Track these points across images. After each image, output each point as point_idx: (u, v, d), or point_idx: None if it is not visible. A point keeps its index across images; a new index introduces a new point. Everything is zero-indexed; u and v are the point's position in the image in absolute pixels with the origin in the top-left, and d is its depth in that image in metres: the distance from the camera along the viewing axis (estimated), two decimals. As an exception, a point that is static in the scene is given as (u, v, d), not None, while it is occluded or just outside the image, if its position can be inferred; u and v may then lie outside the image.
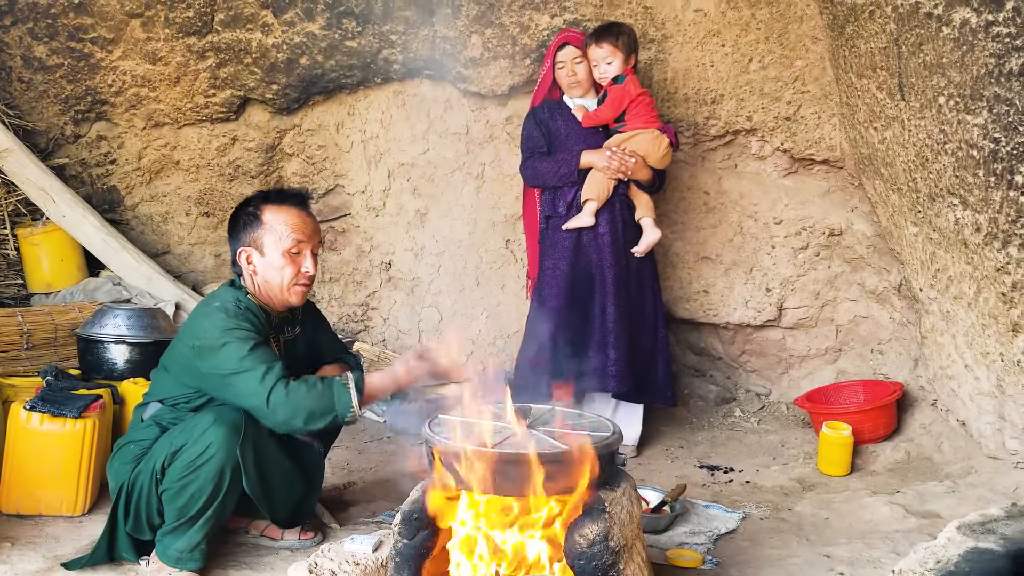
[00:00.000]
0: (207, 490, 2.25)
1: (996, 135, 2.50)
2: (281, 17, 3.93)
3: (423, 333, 4.30)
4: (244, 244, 2.42)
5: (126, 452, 2.40)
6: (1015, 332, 2.66)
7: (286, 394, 2.22)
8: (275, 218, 2.41)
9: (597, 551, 1.80)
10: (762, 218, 3.92)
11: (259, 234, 2.41)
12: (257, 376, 2.24)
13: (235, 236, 2.46)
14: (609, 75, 3.40)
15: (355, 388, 2.27)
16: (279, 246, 2.39)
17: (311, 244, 2.44)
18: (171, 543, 2.31)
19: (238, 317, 2.32)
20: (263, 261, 2.40)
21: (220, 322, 2.31)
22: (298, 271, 2.42)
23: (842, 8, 3.21)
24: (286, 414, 2.23)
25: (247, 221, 2.43)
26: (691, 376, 4.32)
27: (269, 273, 2.40)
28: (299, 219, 2.43)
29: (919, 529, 2.59)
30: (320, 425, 2.26)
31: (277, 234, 2.40)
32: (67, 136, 4.27)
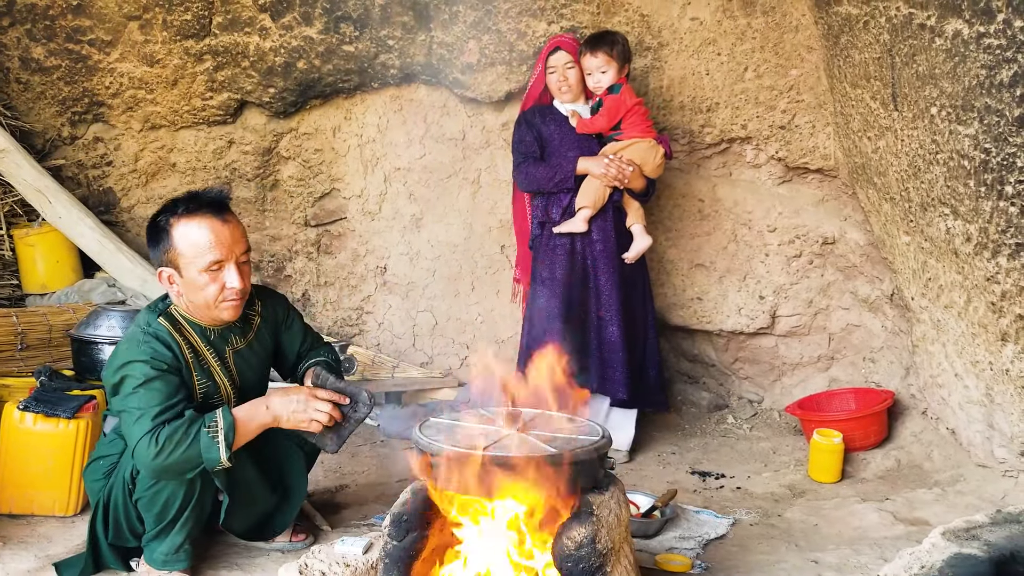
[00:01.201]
0: (179, 493, 2.25)
1: (987, 145, 2.52)
2: (279, 21, 3.95)
3: (417, 337, 4.31)
4: (161, 263, 2.25)
5: (96, 469, 2.39)
6: (1004, 341, 2.68)
7: (148, 446, 2.10)
8: (186, 233, 2.19)
9: (584, 553, 1.82)
10: (756, 226, 3.94)
11: (172, 252, 2.21)
12: (131, 419, 2.14)
13: (153, 253, 2.27)
14: (604, 84, 3.42)
15: (224, 439, 2.14)
16: (195, 264, 2.19)
17: (233, 256, 2.22)
18: (155, 547, 2.32)
19: (141, 345, 2.19)
20: (182, 281, 2.23)
21: (123, 353, 2.21)
22: (222, 287, 2.22)
23: (837, 18, 3.23)
24: (147, 467, 2.13)
25: (160, 238, 2.23)
26: (684, 383, 4.34)
27: (192, 293, 2.24)
28: (214, 231, 2.19)
29: (907, 536, 2.61)
30: (187, 477, 2.18)
31: (194, 251, 2.19)
32: (64, 137, 4.28)
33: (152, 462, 2.11)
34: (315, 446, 2.53)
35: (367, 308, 4.37)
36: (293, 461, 2.59)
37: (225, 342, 2.37)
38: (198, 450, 2.14)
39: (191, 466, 2.16)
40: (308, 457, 2.64)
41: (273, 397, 2.29)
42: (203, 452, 2.14)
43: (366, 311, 4.38)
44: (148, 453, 2.10)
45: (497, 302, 4.24)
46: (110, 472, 2.36)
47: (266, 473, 2.52)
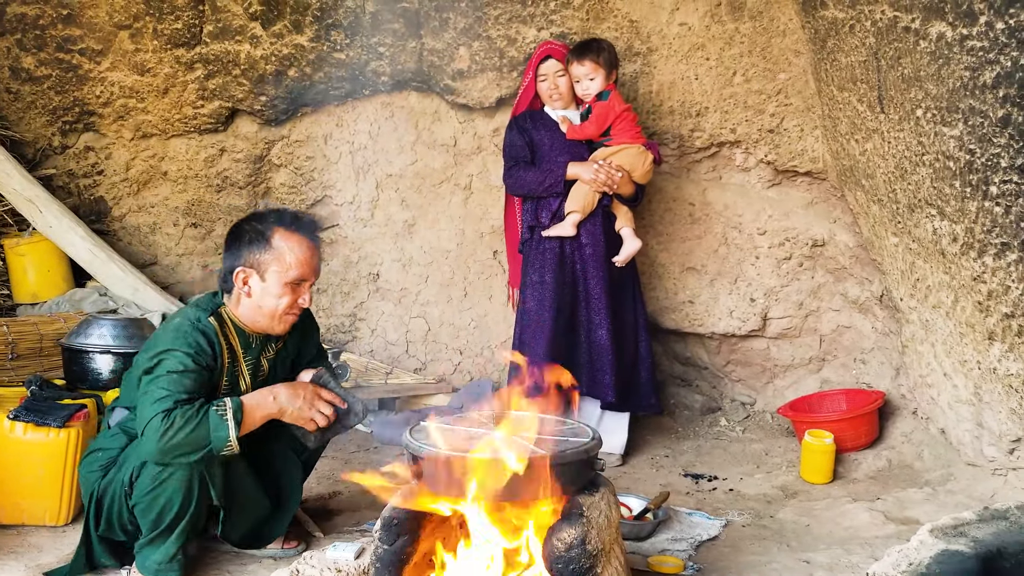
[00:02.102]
0: (176, 501, 2.25)
1: (971, 147, 2.54)
2: (269, 29, 3.96)
3: (411, 344, 4.32)
4: (244, 263, 2.30)
5: (93, 460, 2.39)
6: (991, 340, 2.70)
7: (160, 424, 2.12)
8: (285, 246, 2.29)
9: (575, 555, 1.82)
10: (746, 229, 3.96)
11: (264, 258, 2.28)
12: (151, 399, 2.16)
13: (235, 251, 2.32)
14: (592, 91, 3.45)
15: (232, 417, 2.17)
16: (282, 277, 2.28)
17: (313, 278, 2.35)
18: (148, 555, 2.31)
19: (188, 337, 2.23)
20: (261, 286, 2.30)
21: (166, 340, 2.24)
22: (293, 303, 2.32)
23: (823, 22, 3.26)
24: (152, 447, 2.13)
25: (253, 239, 2.30)
26: (677, 386, 4.35)
27: (264, 299, 2.30)
28: (308, 252, 2.32)
29: (898, 535, 2.62)
30: (193, 459, 2.18)
31: (284, 264, 2.28)
32: (55, 147, 4.28)
33: (160, 440, 2.12)
34: (310, 453, 2.59)
35: (360, 315, 4.38)
36: (290, 469, 2.60)
37: (262, 349, 2.42)
38: (207, 429, 2.15)
39: (199, 446, 2.16)
40: (305, 466, 2.66)
41: (280, 390, 2.32)
42: (212, 431, 2.16)
43: (359, 318, 4.38)
44: (158, 430, 2.12)
45: (490, 307, 4.25)
46: (108, 466, 2.35)
47: (263, 481, 2.53)
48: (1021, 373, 2.63)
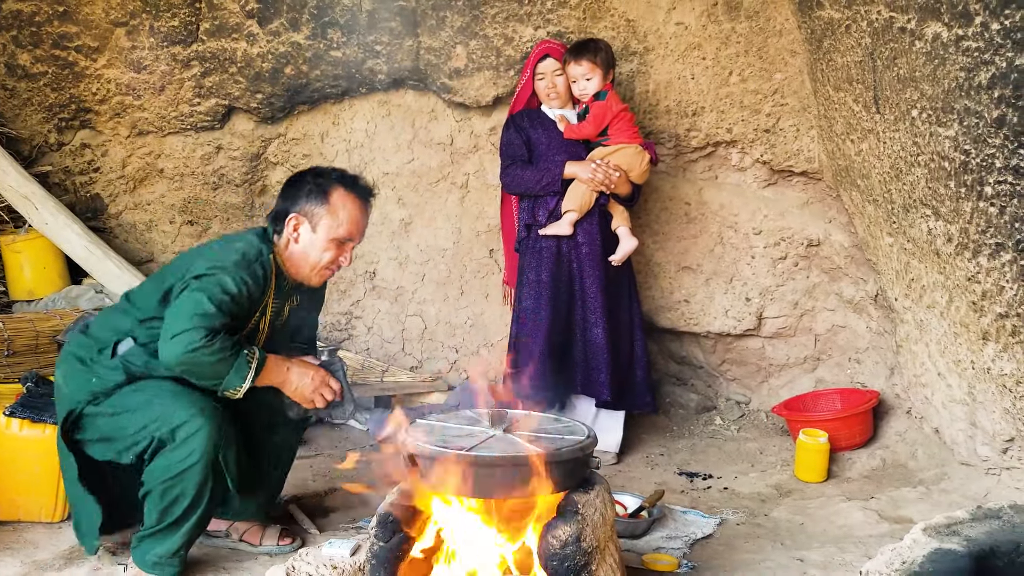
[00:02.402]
0: (190, 494, 2.25)
1: (966, 147, 2.55)
2: (266, 27, 3.96)
3: (407, 342, 4.32)
4: (299, 211, 2.37)
5: (83, 377, 2.35)
6: (985, 340, 2.71)
7: (198, 338, 2.14)
8: (341, 203, 2.37)
9: (570, 552, 1.83)
10: (742, 228, 3.97)
11: (318, 211, 2.36)
12: (193, 307, 2.17)
13: (291, 198, 2.40)
14: (589, 91, 3.46)
15: (255, 368, 2.24)
16: (332, 232, 2.36)
17: (358, 240, 2.45)
18: (150, 547, 2.31)
19: (250, 267, 2.28)
20: (310, 236, 2.37)
21: (226, 258, 2.27)
22: (335, 260, 2.41)
23: (819, 23, 3.27)
24: (175, 353, 2.15)
25: (312, 192, 2.38)
26: (672, 384, 4.36)
27: (310, 249, 2.38)
28: (360, 213, 2.42)
29: (892, 534, 2.63)
30: (196, 382, 2.23)
31: (336, 219, 2.36)
32: (51, 144, 4.27)
33: (188, 352, 2.15)
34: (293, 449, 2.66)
35: (356, 313, 4.38)
36: (284, 459, 2.65)
37: (289, 297, 2.48)
38: (230, 367, 2.21)
39: (214, 377, 2.21)
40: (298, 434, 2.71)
41: (295, 364, 2.37)
42: (234, 370, 2.22)
43: (355, 316, 4.38)
44: (193, 344, 2.14)
45: (486, 305, 4.26)
46: (98, 395, 2.32)
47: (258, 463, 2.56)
48: (1015, 373, 2.64)
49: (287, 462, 2.67)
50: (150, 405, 2.27)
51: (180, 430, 2.23)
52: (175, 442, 2.24)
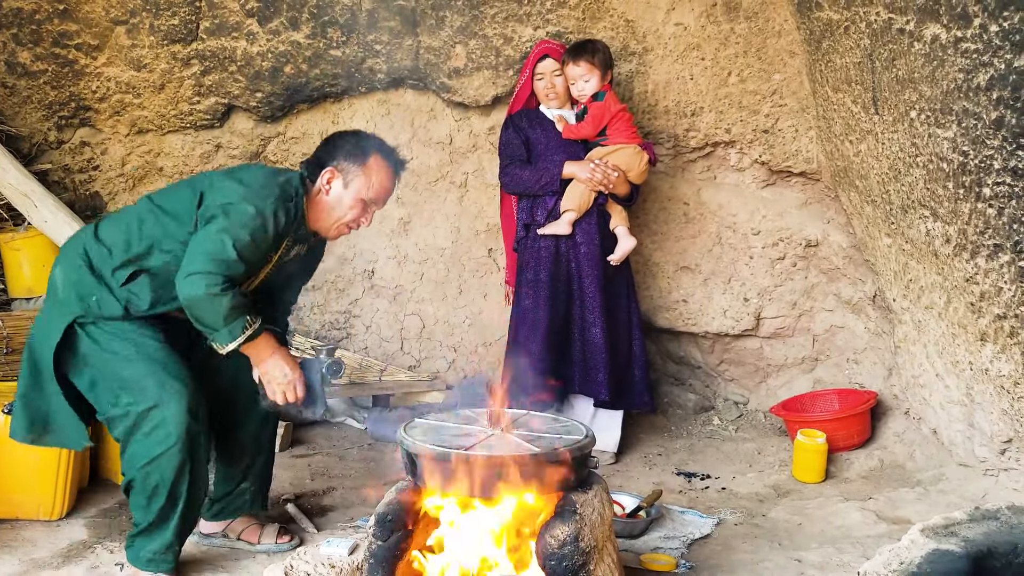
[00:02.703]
0: (168, 479, 2.26)
1: (965, 148, 2.55)
2: (266, 26, 3.96)
3: (405, 341, 4.32)
4: (335, 165, 2.42)
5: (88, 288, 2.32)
6: (983, 341, 2.72)
7: (212, 287, 2.16)
8: (376, 169, 2.44)
9: (568, 552, 1.83)
10: (740, 229, 3.98)
11: (355, 170, 2.42)
12: (223, 241, 2.19)
13: (330, 152, 2.45)
14: (587, 92, 3.46)
15: (247, 336, 2.25)
16: (362, 192, 2.42)
17: (381, 207, 2.52)
18: (144, 545, 2.32)
19: (284, 205, 2.29)
20: (340, 191, 2.42)
21: (269, 193, 2.27)
22: (356, 219, 2.46)
23: (818, 24, 3.27)
24: (193, 290, 2.16)
25: (352, 151, 2.44)
26: (670, 384, 4.37)
27: (337, 204, 2.42)
28: (390, 182, 2.49)
29: (890, 535, 2.63)
30: (191, 319, 2.23)
31: (368, 183, 2.42)
32: (50, 142, 4.27)
33: (201, 293, 2.17)
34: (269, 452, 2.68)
35: (355, 312, 4.38)
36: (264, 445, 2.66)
37: (296, 244, 2.49)
38: (230, 322, 2.21)
39: (211, 323, 2.21)
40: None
41: (279, 354, 2.38)
42: (230, 328, 2.22)
43: (354, 315, 4.38)
44: (208, 286, 2.16)
45: (485, 305, 4.26)
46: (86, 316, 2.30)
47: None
48: (1013, 374, 2.65)
49: (269, 448, 2.66)
50: (130, 364, 2.27)
51: (153, 413, 2.23)
52: (148, 426, 2.24)
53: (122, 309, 2.32)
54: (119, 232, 2.37)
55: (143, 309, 2.32)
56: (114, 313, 2.31)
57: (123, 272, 2.32)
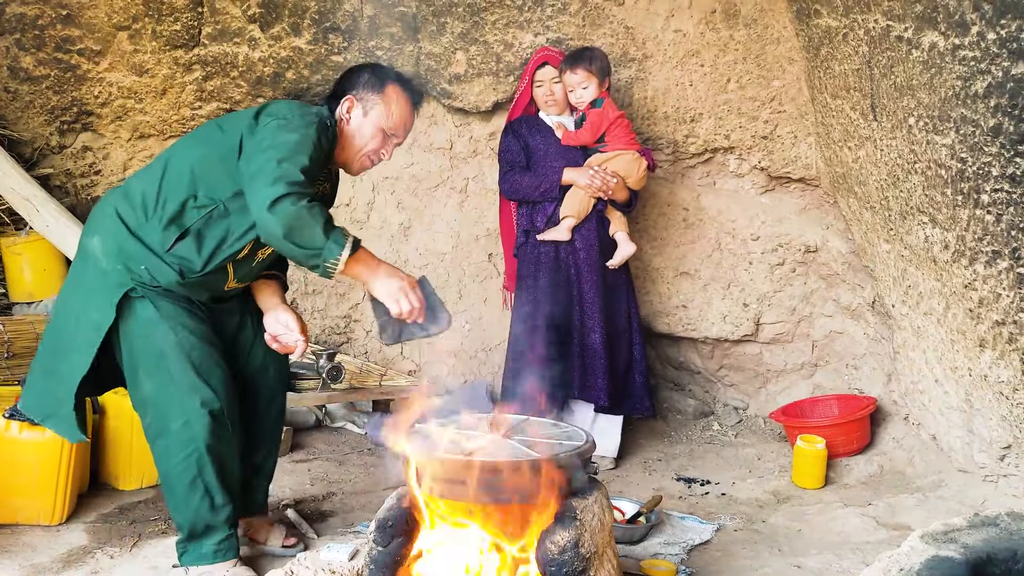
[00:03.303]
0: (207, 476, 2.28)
1: (963, 155, 2.57)
2: (268, 32, 3.98)
3: (405, 345, 4.33)
4: (355, 94, 2.39)
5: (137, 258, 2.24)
6: (982, 347, 2.72)
7: (302, 205, 2.05)
8: (394, 98, 2.40)
9: (568, 557, 1.84)
10: (740, 234, 3.99)
11: (373, 98, 2.39)
12: (284, 175, 2.08)
13: (349, 83, 2.42)
14: (585, 99, 3.47)
15: (351, 247, 2.10)
16: (381, 121, 2.38)
17: (401, 139, 2.47)
18: (199, 547, 2.34)
19: (323, 131, 2.25)
20: (360, 120, 2.38)
21: (308, 119, 2.22)
22: (378, 150, 2.42)
23: (817, 31, 3.29)
24: (283, 219, 2.04)
25: (369, 81, 2.40)
26: (670, 390, 4.37)
27: (358, 134, 2.39)
28: (409, 113, 2.45)
29: (889, 541, 2.64)
30: (293, 253, 2.10)
31: (387, 111, 2.39)
32: (52, 146, 4.28)
33: (290, 210, 2.06)
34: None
35: (355, 316, 4.39)
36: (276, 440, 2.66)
37: (327, 179, 2.48)
38: (331, 232, 2.09)
39: (314, 242, 2.07)
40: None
41: (384, 264, 2.24)
42: (333, 238, 2.09)
43: (354, 319, 4.39)
44: (295, 202, 2.06)
45: (485, 310, 4.27)
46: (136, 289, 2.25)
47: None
48: (1011, 380, 2.65)
49: (278, 447, 2.68)
50: (159, 369, 2.24)
51: (176, 425, 2.25)
52: (171, 433, 2.26)
53: (176, 274, 2.26)
54: (151, 188, 2.30)
55: (197, 270, 2.27)
56: (169, 280, 2.26)
57: (167, 236, 2.26)
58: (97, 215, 2.37)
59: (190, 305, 2.33)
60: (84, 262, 2.34)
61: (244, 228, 2.27)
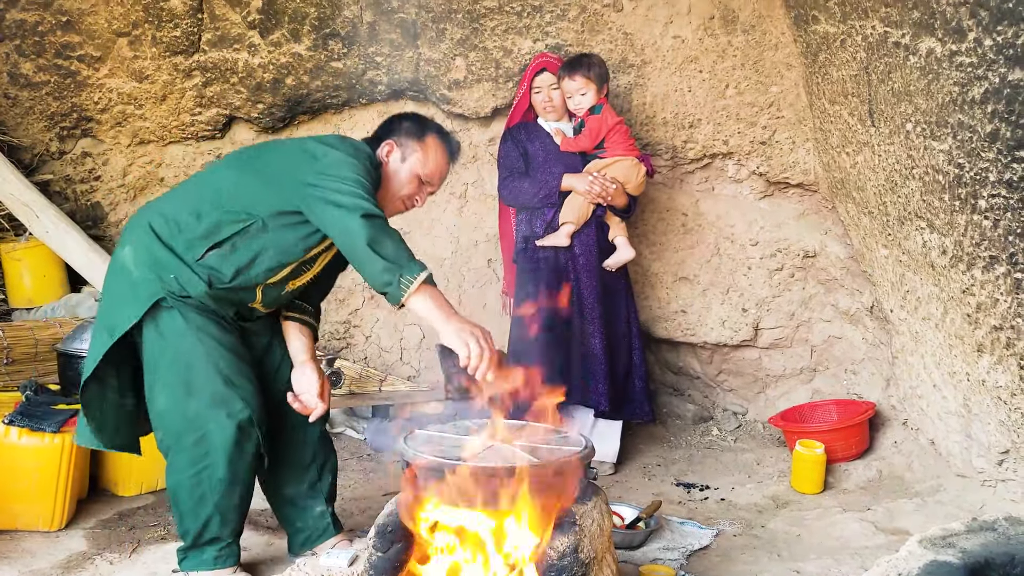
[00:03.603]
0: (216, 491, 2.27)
1: (960, 161, 2.57)
2: (268, 38, 3.99)
3: (405, 351, 4.33)
4: (395, 139, 2.44)
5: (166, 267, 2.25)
6: (980, 352, 2.73)
7: (384, 222, 2.11)
8: (433, 148, 2.45)
9: (567, 563, 1.84)
10: (738, 240, 4.00)
11: (413, 145, 2.43)
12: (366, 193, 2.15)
13: (391, 129, 2.48)
14: (584, 106, 3.49)
15: (426, 276, 2.08)
16: (418, 168, 2.43)
17: (435, 188, 2.52)
18: (199, 553, 2.32)
19: (371, 171, 2.27)
20: (399, 164, 2.42)
21: (359, 155, 2.27)
22: (412, 195, 2.45)
23: (815, 37, 3.30)
24: (368, 228, 2.07)
25: (410, 129, 2.46)
26: (669, 395, 4.37)
27: (394, 178, 2.42)
28: (445, 164, 2.50)
29: (888, 545, 2.64)
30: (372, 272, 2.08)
31: (424, 159, 2.43)
32: (52, 152, 4.29)
33: (377, 222, 2.10)
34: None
35: (354, 322, 4.39)
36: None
37: None
38: (409, 253, 2.11)
39: (397, 253, 2.09)
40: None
41: (457, 313, 2.14)
42: (412, 259, 2.10)
43: (353, 325, 4.39)
44: (379, 217, 2.11)
45: (484, 315, 4.27)
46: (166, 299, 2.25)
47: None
48: (1009, 385, 2.66)
49: (333, 457, 2.61)
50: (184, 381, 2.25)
51: (190, 440, 2.25)
52: (184, 449, 2.26)
53: (205, 284, 2.26)
54: (186, 204, 2.32)
55: (226, 281, 2.27)
56: (197, 290, 2.26)
57: (199, 246, 2.27)
58: (130, 228, 2.39)
59: (218, 319, 2.33)
60: (115, 275, 2.36)
61: (282, 247, 2.29)
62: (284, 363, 2.51)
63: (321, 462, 2.55)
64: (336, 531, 2.56)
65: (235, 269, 2.27)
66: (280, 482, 2.52)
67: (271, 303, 2.42)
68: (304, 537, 2.53)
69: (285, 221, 2.26)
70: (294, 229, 2.27)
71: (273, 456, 2.44)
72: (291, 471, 2.51)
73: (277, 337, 2.52)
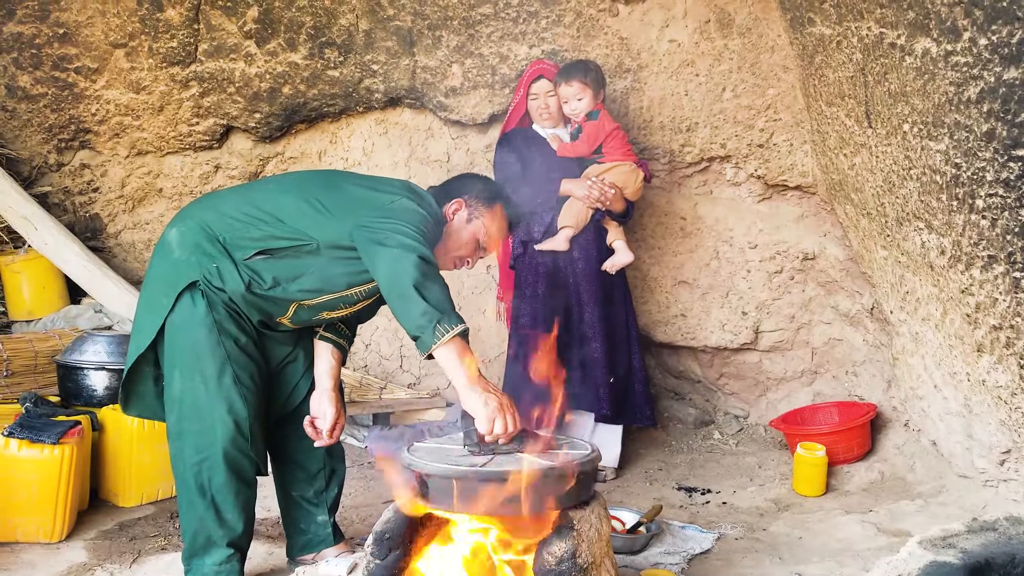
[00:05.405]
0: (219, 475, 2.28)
1: (957, 160, 2.57)
2: (264, 47, 4.00)
3: (405, 358, 4.33)
4: (463, 198, 2.46)
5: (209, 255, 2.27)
6: (980, 352, 2.72)
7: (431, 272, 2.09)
8: (497, 217, 2.48)
9: (565, 568, 1.83)
10: (737, 243, 3.99)
11: (481, 209, 2.46)
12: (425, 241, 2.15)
13: (465, 186, 2.50)
14: (580, 112, 3.49)
15: (461, 329, 2.04)
16: (480, 232, 2.46)
17: (487, 255, 2.56)
18: (199, 567, 2.31)
19: (434, 225, 2.29)
20: (463, 224, 2.44)
21: (426, 209, 2.28)
22: (464, 258, 2.48)
23: (811, 39, 3.30)
24: (416, 270, 2.05)
25: (483, 192, 2.49)
26: (670, 399, 4.36)
27: (454, 237, 2.44)
28: (504, 235, 2.55)
29: (890, 547, 2.63)
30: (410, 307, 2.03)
31: (486, 227, 2.46)
32: (50, 164, 4.30)
33: (428, 263, 2.09)
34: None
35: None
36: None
37: None
38: (451, 303, 2.09)
39: (440, 299, 2.07)
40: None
41: (483, 378, 2.11)
42: (453, 311, 2.08)
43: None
44: (427, 260, 2.09)
45: (483, 321, 4.27)
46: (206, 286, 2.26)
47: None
48: (1010, 385, 2.65)
49: (335, 474, 2.62)
50: (193, 372, 2.26)
51: (196, 428, 2.27)
52: (190, 435, 2.28)
53: (244, 285, 2.26)
54: (245, 207, 2.33)
55: (264, 288, 2.28)
56: (235, 287, 2.26)
57: (249, 248, 2.28)
58: (181, 216, 2.41)
59: (241, 320, 2.34)
60: (159, 255, 2.37)
61: (326, 275, 2.29)
62: (306, 376, 2.51)
63: (329, 472, 2.57)
64: (336, 541, 2.56)
65: (274, 278, 2.28)
66: (289, 483, 2.55)
67: (300, 323, 2.43)
68: (305, 541, 2.55)
69: (338, 254, 2.27)
70: (344, 263, 2.28)
71: (284, 457, 2.51)
72: (300, 474, 2.54)
73: (303, 348, 2.52)
